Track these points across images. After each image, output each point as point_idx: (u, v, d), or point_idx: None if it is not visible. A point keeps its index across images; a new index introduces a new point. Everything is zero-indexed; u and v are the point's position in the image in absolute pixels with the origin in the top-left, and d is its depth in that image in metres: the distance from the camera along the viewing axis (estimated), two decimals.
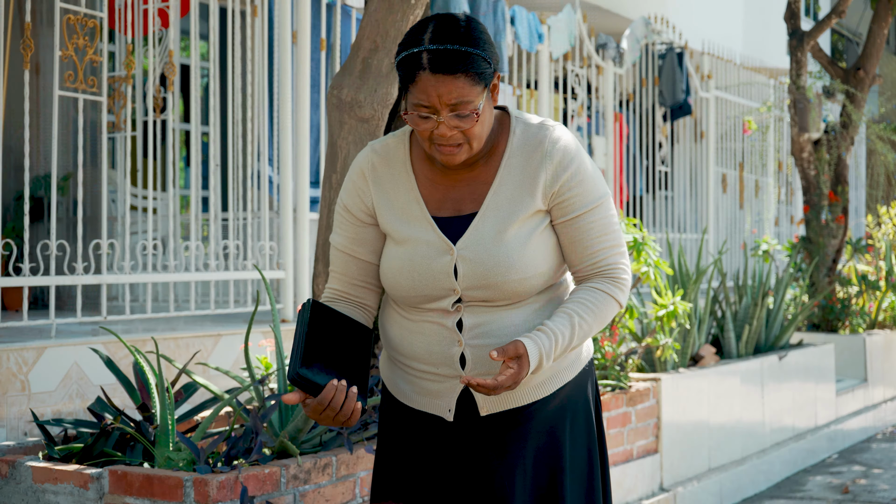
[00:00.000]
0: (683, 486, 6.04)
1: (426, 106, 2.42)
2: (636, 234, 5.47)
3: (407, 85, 2.46)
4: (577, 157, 2.55)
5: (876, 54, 9.81)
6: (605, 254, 2.57)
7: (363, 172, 2.63)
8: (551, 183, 2.52)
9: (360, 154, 2.68)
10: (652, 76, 10.32)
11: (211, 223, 5.81)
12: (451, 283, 2.52)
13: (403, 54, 2.45)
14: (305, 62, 6.24)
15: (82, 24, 5.12)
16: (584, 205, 2.54)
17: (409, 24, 3.74)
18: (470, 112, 2.43)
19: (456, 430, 2.60)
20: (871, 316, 9.92)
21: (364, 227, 2.63)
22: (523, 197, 2.53)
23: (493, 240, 2.51)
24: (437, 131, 2.44)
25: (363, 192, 2.62)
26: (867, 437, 8.83)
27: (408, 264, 2.54)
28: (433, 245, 2.53)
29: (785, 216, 12.95)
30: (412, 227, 2.56)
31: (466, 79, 2.40)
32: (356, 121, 3.74)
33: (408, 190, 2.59)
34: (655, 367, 6.27)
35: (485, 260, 2.50)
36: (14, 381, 4.34)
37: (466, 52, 2.41)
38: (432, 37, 2.42)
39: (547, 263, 2.57)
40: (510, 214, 2.52)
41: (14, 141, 7.44)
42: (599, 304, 2.55)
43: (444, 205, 2.58)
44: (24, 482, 3.62)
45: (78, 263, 5.04)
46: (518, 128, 2.57)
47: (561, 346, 2.49)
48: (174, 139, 5.77)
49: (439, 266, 2.52)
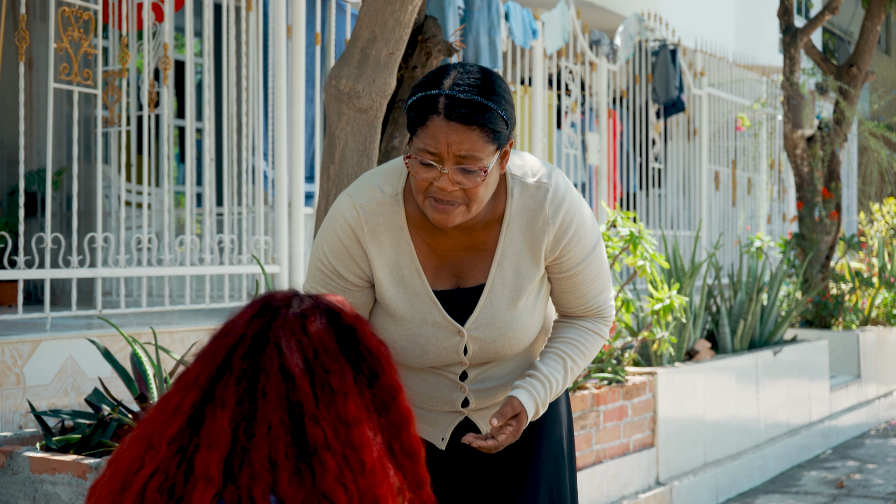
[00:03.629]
0: (679, 480, 6.04)
1: (432, 153, 2.23)
2: (632, 227, 5.47)
3: (416, 128, 2.26)
4: (576, 216, 2.43)
5: (869, 51, 9.82)
6: (596, 298, 2.53)
7: (356, 235, 2.39)
8: (553, 248, 2.43)
9: (343, 210, 2.40)
10: (645, 73, 10.33)
11: (206, 218, 5.79)
12: (460, 359, 2.47)
13: (419, 95, 2.27)
14: (300, 57, 6.23)
15: (77, 16, 5.11)
16: (581, 260, 2.46)
17: (407, 14, 3.73)
18: (477, 169, 2.23)
19: (447, 455, 2.57)
20: (864, 312, 9.93)
21: (358, 291, 2.44)
22: (528, 267, 2.43)
23: (504, 317, 2.43)
24: (437, 183, 2.24)
25: (359, 257, 2.40)
26: (861, 433, 8.84)
27: (412, 343, 2.43)
28: (440, 326, 2.42)
29: (777, 214, 12.96)
30: (414, 304, 2.41)
31: (481, 133, 2.22)
32: (354, 111, 3.72)
33: (408, 259, 2.40)
34: (651, 361, 6.27)
35: (496, 338, 2.44)
36: (9, 375, 4.32)
37: (487, 106, 2.23)
38: (453, 83, 2.24)
39: (546, 317, 2.58)
40: (518, 288, 2.43)
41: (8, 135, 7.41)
42: (589, 344, 2.55)
43: (441, 273, 2.44)
44: (22, 472, 3.60)
45: (73, 257, 5.02)
46: (516, 189, 2.40)
47: (555, 391, 2.48)
48: (168, 134, 5.75)
49: (448, 347, 2.44)
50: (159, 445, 1.61)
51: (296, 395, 1.62)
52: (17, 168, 5.25)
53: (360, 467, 1.60)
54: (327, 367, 1.65)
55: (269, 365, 1.63)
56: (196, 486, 1.57)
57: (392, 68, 3.78)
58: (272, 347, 1.65)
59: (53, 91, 5.09)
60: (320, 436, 1.60)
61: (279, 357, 1.64)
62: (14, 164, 7.25)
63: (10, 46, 6.71)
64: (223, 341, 1.68)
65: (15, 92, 6.09)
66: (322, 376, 1.64)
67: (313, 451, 1.59)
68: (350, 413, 1.63)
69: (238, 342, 1.67)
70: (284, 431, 1.60)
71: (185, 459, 1.60)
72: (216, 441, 1.59)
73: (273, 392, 1.61)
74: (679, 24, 11.07)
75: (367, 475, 1.60)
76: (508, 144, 2.32)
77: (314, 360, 1.65)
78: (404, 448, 1.71)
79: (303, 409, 1.61)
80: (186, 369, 1.68)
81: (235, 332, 1.69)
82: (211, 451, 1.58)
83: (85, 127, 7.14)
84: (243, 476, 1.57)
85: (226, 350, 1.67)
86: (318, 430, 1.60)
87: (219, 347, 1.68)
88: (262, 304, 1.71)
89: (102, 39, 6.41)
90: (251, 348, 1.66)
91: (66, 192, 7.35)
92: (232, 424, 1.60)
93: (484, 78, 2.27)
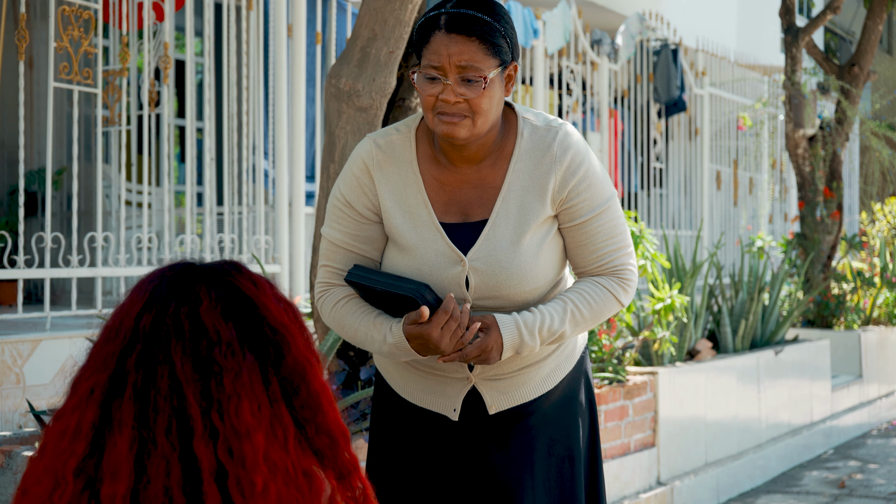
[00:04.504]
0: (680, 479, 6.03)
1: (435, 66, 2.34)
2: (633, 227, 5.46)
3: (420, 48, 2.38)
4: (585, 161, 2.47)
5: (870, 50, 9.80)
6: (612, 256, 2.51)
7: (367, 167, 2.50)
8: (560, 189, 2.45)
9: (360, 146, 2.54)
10: (647, 72, 10.32)
11: (206, 217, 5.79)
12: (463, 294, 2.45)
13: (423, 18, 2.40)
14: (301, 56, 6.23)
15: (77, 15, 5.10)
16: (592, 209, 2.47)
17: (407, 13, 3.72)
18: (479, 79, 2.33)
19: (460, 428, 2.55)
20: (865, 312, 9.92)
21: (368, 224, 2.51)
22: (533, 204, 2.45)
23: (506, 251, 2.44)
24: (442, 95, 2.35)
25: (368, 188, 2.49)
26: (862, 433, 8.83)
27: (415, 273, 2.45)
28: (443, 255, 2.45)
29: (779, 213, 12.95)
30: (420, 233, 2.46)
31: (480, 45, 2.33)
32: (354, 110, 3.72)
33: (415, 191, 2.48)
34: (652, 360, 6.26)
35: (497, 272, 2.44)
36: (9, 374, 4.31)
37: (485, 20, 2.34)
38: (456, 3, 2.37)
39: (556, 269, 2.53)
40: (522, 223, 2.45)
41: (8, 135, 7.41)
42: (598, 297, 2.50)
43: (451, 209, 2.49)
44: (21, 472, 3.60)
45: (73, 256, 5.02)
46: (526, 129, 2.48)
47: (548, 326, 2.43)
48: (169, 133, 5.75)
49: (450, 277, 2.44)
50: (65, 480, 1.47)
51: (186, 410, 1.47)
52: (17, 167, 5.25)
53: (251, 489, 1.46)
54: (220, 363, 1.49)
55: (159, 375, 1.48)
56: None
57: (392, 67, 3.77)
58: (162, 351, 1.49)
59: (54, 90, 5.08)
60: (208, 461, 1.46)
61: (169, 364, 1.48)
62: (14, 164, 7.25)
63: (11, 46, 6.71)
64: (113, 344, 1.52)
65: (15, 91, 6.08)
66: (214, 378, 1.49)
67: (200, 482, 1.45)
68: (244, 421, 1.48)
69: (129, 345, 1.51)
70: (177, 457, 1.45)
71: (93, 494, 1.45)
72: (118, 471, 1.44)
73: (164, 409, 1.47)
74: (680, 24, 11.06)
75: (257, 497, 1.46)
76: (513, 67, 2.42)
77: (205, 357, 1.50)
78: (321, 430, 1.57)
79: (192, 427, 1.46)
80: (79, 376, 1.52)
81: (125, 329, 1.52)
82: (114, 483, 1.44)
83: (85, 126, 7.14)
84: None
85: (117, 356, 1.51)
86: (205, 452, 1.46)
87: (110, 352, 1.51)
88: (150, 290, 1.54)
89: (103, 39, 6.40)
90: (143, 353, 1.50)
91: (66, 192, 7.35)
92: (133, 449, 1.45)
93: (486, 1, 2.38)
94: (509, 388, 2.54)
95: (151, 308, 1.52)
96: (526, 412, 2.56)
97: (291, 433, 1.52)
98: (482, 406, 2.54)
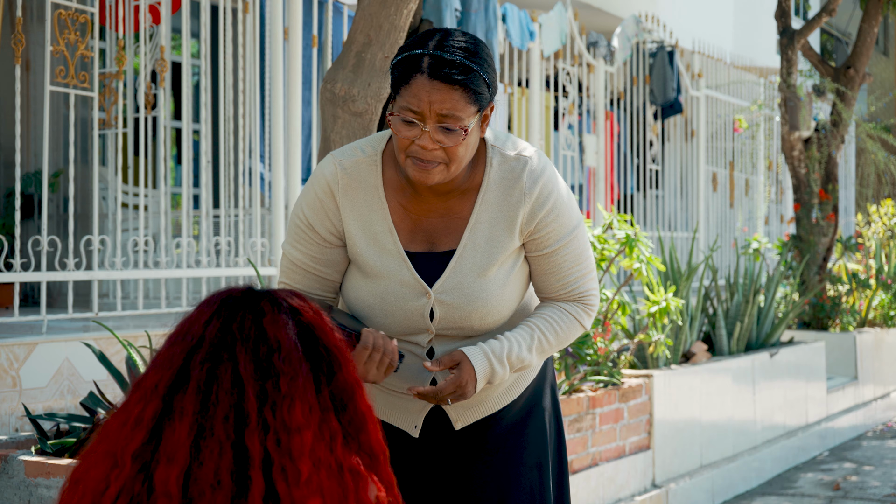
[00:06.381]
0: (675, 482, 6.04)
1: (415, 111, 2.28)
2: (628, 230, 5.47)
3: (399, 87, 2.31)
4: (554, 191, 2.44)
5: (866, 53, 9.82)
6: (578, 283, 2.51)
7: (331, 190, 2.43)
8: (528, 220, 2.43)
9: (324, 166, 2.46)
10: (643, 75, 10.33)
11: (202, 220, 5.79)
12: (426, 325, 2.44)
13: (404, 55, 2.32)
14: (297, 59, 6.23)
15: (73, 18, 5.11)
16: (560, 238, 2.46)
17: (402, 17, 3.73)
18: (458, 129, 2.28)
19: (421, 444, 2.55)
20: (861, 314, 9.94)
21: (330, 248, 2.47)
22: (501, 236, 2.42)
23: (473, 284, 2.41)
24: (418, 141, 2.29)
25: (332, 211, 2.43)
26: (858, 435, 8.85)
27: (379, 301, 2.43)
28: (408, 285, 2.42)
29: (775, 215, 12.97)
30: (384, 262, 2.42)
31: (463, 93, 2.27)
32: (350, 115, 3.73)
33: (381, 218, 2.42)
34: (647, 363, 6.27)
35: (463, 305, 2.42)
36: (5, 377, 4.32)
37: (469, 66, 2.28)
38: (437, 44, 2.29)
39: (520, 297, 2.53)
40: (489, 256, 2.42)
41: (5, 138, 7.41)
42: (564, 324, 2.50)
43: (416, 237, 2.45)
44: (17, 476, 3.61)
45: (69, 260, 5.02)
46: (495, 159, 2.43)
47: (516, 353, 2.43)
48: (165, 136, 5.75)
49: (414, 308, 2.42)
50: (123, 462, 1.58)
51: (244, 404, 1.59)
52: (13, 170, 5.25)
53: (295, 477, 1.57)
54: (278, 368, 1.62)
55: (222, 372, 1.60)
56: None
57: (387, 72, 3.78)
58: (228, 351, 1.62)
59: (50, 93, 5.09)
60: (258, 451, 1.57)
61: (233, 362, 1.61)
62: (10, 167, 7.25)
63: (7, 49, 6.71)
64: (181, 345, 1.65)
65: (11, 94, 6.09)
66: (272, 379, 1.61)
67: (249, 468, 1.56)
68: (295, 419, 1.60)
69: (196, 346, 1.63)
70: (230, 445, 1.57)
71: (147, 476, 1.56)
72: (174, 455, 1.56)
73: (224, 401, 1.59)
74: (676, 26, 11.07)
75: (301, 486, 1.57)
76: (489, 109, 2.37)
77: (265, 361, 1.62)
78: (363, 448, 1.68)
79: (247, 419, 1.58)
80: (145, 375, 1.64)
81: (193, 334, 1.65)
82: (170, 466, 1.55)
83: (82, 129, 7.14)
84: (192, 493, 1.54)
85: (183, 355, 1.63)
86: (255, 443, 1.57)
87: (177, 352, 1.64)
88: (219, 302, 1.67)
89: (99, 41, 6.41)
90: (210, 353, 1.62)
91: (62, 194, 7.36)
92: (191, 436, 1.57)
93: (468, 41, 2.33)
94: (473, 402, 2.53)
95: (219, 316, 1.65)
96: (492, 422, 2.56)
97: (339, 437, 1.64)
98: (447, 421, 2.54)
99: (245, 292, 1.70)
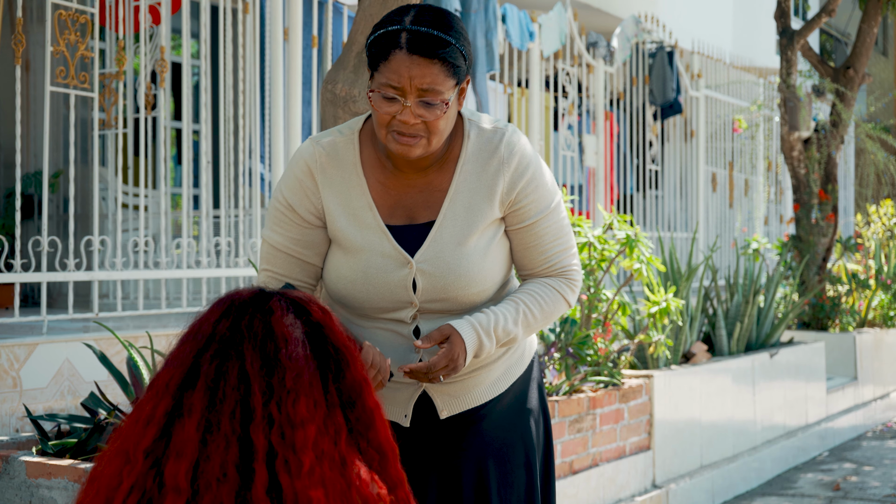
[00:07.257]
0: (676, 482, 6.04)
1: (395, 87, 2.30)
2: (629, 230, 5.47)
3: (378, 63, 2.33)
4: (533, 162, 2.47)
5: (865, 53, 9.83)
6: (559, 257, 2.53)
7: (309, 169, 2.46)
8: (509, 190, 2.45)
9: (302, 149, 2.50)
10: (642, 75, 10.34)
11: (202, 220, 5.79)
12: (409, 297, 2.45)
13: (380, 32, 2.33)
14: (297, 59, 6.23)
15: (74, 19, 5.11)
16: (540, 210, 2.48)
17: None
18: (439, 102, 2.31)
19: (412, 434, 2.55)
20: (860, 314, 9.94)
21: (310, 229, 2.48)
22: (481, 205, 2.45)
23: (453, 252, 2.43)
24: (399, 116, 2.32)
25: (311, 191, 2.46)
26: (857, 435, 8.85)
27: (361, 276, 2.44)
28: (389, 257, 2.43)
29: (774, 215, 12.98)
30: (365, 236, 2.44)
31: (442, 67, 2.30)
32: (350, 115, 3.73)
33: (360, 194, 2.45)
34: (648, 363, 6.27)
35: (445, 273, 2.43)
36: (5, 378, 4.32)
37: (447, 40, 2.31)
38: (414, 19, 2.31)
39: (503, 271, 2.54)
40: (469, 224, 2.44)
41: (5, 138, 7.41)
42: (549, 299, 2.52)
43: (396, 212, 2.47)
44: (18, 477, 3.60)
45: (69, 260, 5.02)
46: (472, 132, 2.47)
47: (503, 326, 2.44)
48: (165, 136, 5.75)
49: (396, 279, 2.43)
50: (135, 458, 1.62)
51: (250, 400, 1.62)
52: (14, 170, 5.26)
53: (297, 469, 1.60)
54: (284, 364, 1.65)
55: (230, 368, 1.64)
56: (166, 498, 1.56)
57: None
58: (235, 349, 1.66)
59: (50, 94, 5.09)
60: (262, 443, 1.60)
61: (240, 360, 1.65)
62: (11, 167, 7.25)
63: (7, 49, 6.71)
64: (191, 344, 1.69)
65: (12, 95, 6.09)
66: (277, 375, 1.64)
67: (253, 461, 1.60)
68: (299, 414, 1.63)
69: (205, 344, 1.67)
70: (236, 439, 1.61)
71: (159, 472, 1.60)
72: (183, 450, 1.59)
73: (230, 397, 1.63)
74: (676, 26, 11.08)
75: (303, 477, 1.60)
76: (465, 81, 2.39)
77: (272, 358, 1.66)
78: (371, 444, 1.71)
79: (253, 414, 1.62)
80: (158, 374, 1.68)
81: (203, 333, 1.68)
82: (179, 462, 1.58)
83: (82, 129, 7.14)
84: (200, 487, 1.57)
85: (194, 353, 1.67)
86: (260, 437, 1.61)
87: (187, 351, 1.68)
88: (229, 302, 1.71)
89: (99, 42, 6.41)
90: (218, 351, 1.66)
91: (62, 195, 7.36)
92: (199, 432, 1.61)
93: (442, 15, 2.35)
94: (459, 392, 2.54)
95: (229, 315, 1.70)
96: (477, 416, 2.57)
97: (343, 433, 1.67)
98: (433, 411, 2.55)
99: (255, 293, 1.73)
